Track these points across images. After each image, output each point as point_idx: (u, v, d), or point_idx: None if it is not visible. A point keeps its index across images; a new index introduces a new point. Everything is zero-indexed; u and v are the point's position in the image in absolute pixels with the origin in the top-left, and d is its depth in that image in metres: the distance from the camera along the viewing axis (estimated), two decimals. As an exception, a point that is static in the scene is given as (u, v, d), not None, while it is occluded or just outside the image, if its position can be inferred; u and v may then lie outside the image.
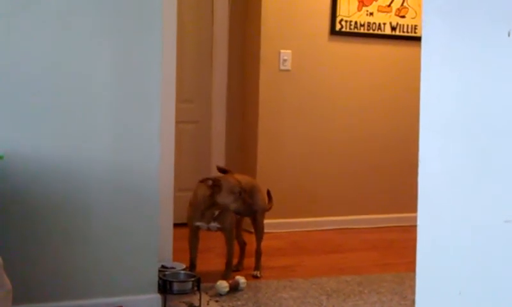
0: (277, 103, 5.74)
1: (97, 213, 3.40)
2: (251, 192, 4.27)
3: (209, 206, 4.11)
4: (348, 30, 5.86)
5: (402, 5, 6.03)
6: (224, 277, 4.09)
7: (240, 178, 4.21)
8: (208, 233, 4.37)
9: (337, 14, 5.81)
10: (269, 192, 4.54)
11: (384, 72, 6.04)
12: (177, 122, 4.29)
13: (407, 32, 6.05)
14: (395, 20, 6.01)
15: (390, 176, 6.09)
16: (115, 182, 3.42)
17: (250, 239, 4.56)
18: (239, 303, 3.83)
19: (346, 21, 5.84)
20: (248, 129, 5.90)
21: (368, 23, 5.91)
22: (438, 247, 1.62)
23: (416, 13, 6.04)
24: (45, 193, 3.29)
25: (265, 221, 4.49)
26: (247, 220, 4.58)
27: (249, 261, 4.47)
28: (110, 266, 3.45)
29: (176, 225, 4.41)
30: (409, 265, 4.27)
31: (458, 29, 1.54)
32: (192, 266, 4.19)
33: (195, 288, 3.68)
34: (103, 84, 3.38)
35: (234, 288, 4.00)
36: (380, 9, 5.95)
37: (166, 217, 4.09)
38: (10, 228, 3.24)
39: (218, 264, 4.45)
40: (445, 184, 1.58)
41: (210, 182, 4.04)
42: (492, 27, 1.43)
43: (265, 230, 4.49)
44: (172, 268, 3.98)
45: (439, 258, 1.62)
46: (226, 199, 4.03)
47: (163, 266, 3.93)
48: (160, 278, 3.62)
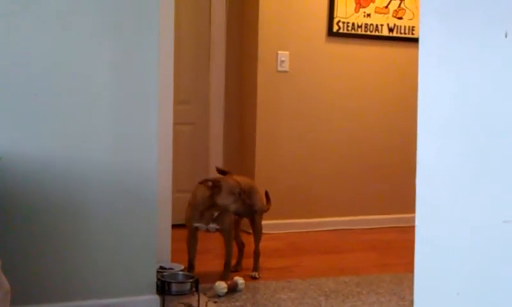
0: (275, 104, 5.74)
1: (95, 214, 3.40)
2: (249, 193, 4.27)
3: (208, 207, 4.10)
4: (345, 31, 5.87)
5: (399, 6, 6.03)
6: (222, 278, 4.09)
7: (239, 179, 4.22)
8: (206, 234, 4.37)
9: (334, 15, 5.81)
10: (267, 193, 4.55)
11: (381, 73, 6.05)
12: (175, 123, 4.29)
13: (404, 33, 6.05)
14: (392, 22, 6.02)
15: (388, 177, 6.09)
16: (113, 183, 3.42)
17: (248, 240, 4.56)
18: (238, 304, 3.83)
19: (343, 22, 5.85)
20: (246, 130, 5.90)
21: (365, 24, 5.92)
22: (437, 247, 1.62)
23: (413, 15, 6.05)
24: (44, 194, 3.29)
25: (263, 222, 4.49)
26: (245, 221, 4.58)
27: (247, 262, 4.47)
28: (108, 267, 3.45)
29: (174, 226, 4.41)
30: (407, 266, 4.28)
31: (455, 30, 1.55)
32: (190, 267, 4.19)
33: (193, 289, 3.68)
34: (101, 86, 3.38)
35: (233, 289, 4.00)
36: (377, 10, 5.96)
37: (164, 218, 4.09)
38: (9, 229, 3.24)
39: (216, 265, 4.45)
40: (443, 185, 1.59)
41: (210, 183, 4.03)
42: (489, 28, 1.43)
43: (263, 231, 4.50)
44: (170, 269, 3.98)
45: (437, 259, 1.62)
46: (225, 200, 4.03)
47: (161, 267, 3.93)
48: (158, 279, 3.62)
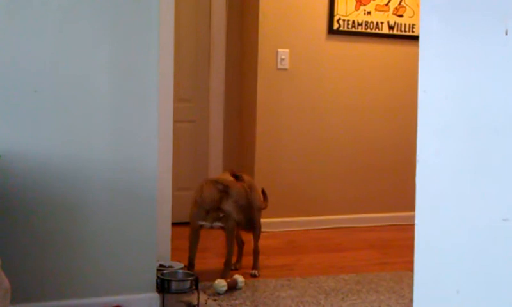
0: (275, 102, 5.74)
1: (95, 212, 3.40)
2: (248, 190, 4.27)
3: (215, 208, 4.11)
4: (346, 29, 5.87)
5: (399, 4, 6.03)
6: (222, 276, 4.09)
7: (226, 176, 4.24)
8: (206, 232, 4.37)
9: (335, 13, 5.81)
10: (264, 190, 4.54)
11: (381, 71, 6.05)
12: (175, 121, 4.29)
13: (404, 31, 6.05)
14: (392, 19, 6.01)
15: (388, 175, 6.09)
16: (113, 181, 3.42)
17: (248, 238, 4.56)
18: (237, 302, 3.84)
19: (344, 20, 5.84)
20: (246, 128, 5.90)
21: (365, 22, 5.92)
22: (436, 246, 1.62)
23: (413, 12, 6.04)
24: (44, 192, 3.29)
25: (263, 220, 4.49)
26: None
27: (247, 260, 4.47)
28: (108, 265, 3.45)
29: (174, 224, 4.41)
30: (407, 264, 4.29)
31: (455, 28, 1.55)
32: (190, 265, 4.20)
33: (193, 287, 3.68)
34: (101, 84, 3.37)
35: (232, 287, 4.00)
36: (378, 8, 5.95)
37: (164, 216, 4.09)
38: (8, 227, 3.24)
39: (216, 263, 4.45)
40: (443, 183, 1.58)
41: (220, 186, 4.02)
42: (489, 25, 1.43)
43: (263, 229, 4.50)
44: (170, 267, 3.97)
45: (437, 257, 1.62)
46: (231, 208, 4.05)
47: (161, 265, 3.93)
48: (158, 277, 3.62)
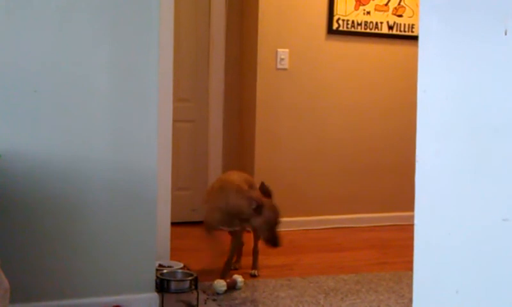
0: (274, 102, 5.74)
1: (95, 212, 3.40)
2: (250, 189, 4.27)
3: (241, 218, 4.09)
4: (345, 29, 5.87)
5: (399, 4, 6.03)
6: (222, 276, 4.09)
7: (237, 177, 4.22)
8: (200, 232, 4.37)
9: (334, 13, 5.81)
10: (265, 185, 4.28)
11: (381, 71, 6.05)
12: (174, 121, 4.29)
13: (404, 31, 6.05)
14: (392, 19, 6.01)
15: (388, 174, 6.09)
16: (113, 181, 3.42)
17: (247, 238, 4.56)
18: (237, 302, 3.84)
19: (343, 20, 5.85)
20: (245, 128, 5.90)
21: (365, 22, 5.92)
22: (436, 245, 1.62)
23: (413, 12, 6.04)
24: (43, 192, 3.29)
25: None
26: None
27: (246, 260, 4.47)
28: (107, 265, 3.45)
29: (173, 224, 4.41)
30: (406, 264, 4.28)
31: (455, 28, 1.55)
32: (227, 269, 4.19)
33: (193, 287, 3.68)
34: (101, 84, 3.37)
35: (232, 287, 4.00)
36: (377, 8, 5.95)
37: (164, 216, 4.09)
38: (8, 227, 3.24)
39: (216, 263, 4.45)
40: (443, 183, 1.58)
41: (254, 204, 3.98)
42: (489, 25, 1.43)
43: (262, 229, 4.49)
44: (169, 267, 3.98)
45: (436, 257, 1.62)
46: (261, 225, 4.03)
47: (160, 265, 3.93)
48: (157, 277, 3.62)
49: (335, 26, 5.83)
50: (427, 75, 1.64)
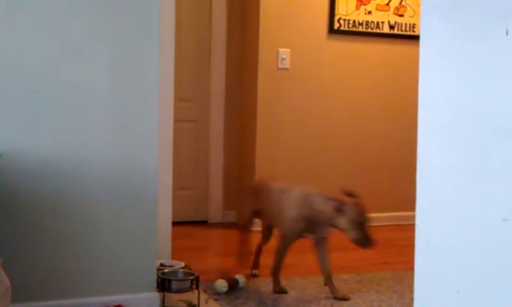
0: (275, 101, 5.74)
1: (96, 211, 3.40)
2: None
3: (327, 224, 3.89)
4: (346, 29, 5.87)
5: (400, 4, 6.03)
6: (275, 289, 3.99)
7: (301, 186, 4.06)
8: (206, 231, 4.37)
9: (335, 13, 5.81)
10: (352, 190, 3.90)
11: (382, 71, 6.05)
12: (175, 121, 4.29)
13: (405, 30, 6.05)
14: (393, 19, 6.01)
15: (389, 174, 6.09)
16: (114, 181, 3.42)
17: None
18: (238, 302, 3.83)
19: (344, 20, 5.84)
20: (246, 128, 5.90)
21: (366, 22, 5.92)
22: (437, 245, 1.62)
23: (414, 12, 6.04)
24: (44, 191, 3.29)
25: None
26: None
27: (248, 260, 4.46)
28: (108, 264, 3.44)
29: (174, 223, 4.41)
30: (407, 264, 4.27)
31: (456, 28, 1.55)
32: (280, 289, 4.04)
33: (194, 287, 3.68)
34: (101, 83, 3.37)
35: (233, 287, 4.00)
36: (378, 7, 5.95)
37: (165, 215, 4.09)
38: (8, 226, 3.24)
39: (217, 262, 4.45)
40: (444, 183, 1.58)
41: (335, 204, 3.76)
42: (490, 25, 1.43)
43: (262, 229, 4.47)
44: (171, 266, 3.97)
45: (437, 257, 1.62)
46: (347, 226, 3.76)
47: (162, 264, 3.93)
48: (158, 276, 3.62)
49: (336, 26, 5.83)
50: (428, 75, 1.64)
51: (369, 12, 5.91)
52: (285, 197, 4.04)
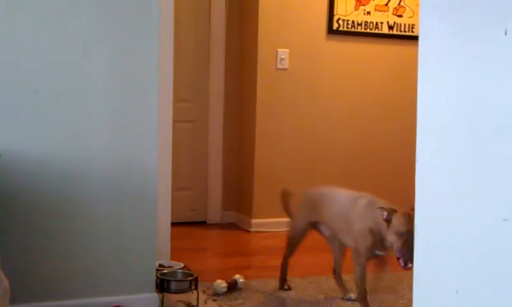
0: (274, 102, 5.74)
1: (95, 212, 3.40)
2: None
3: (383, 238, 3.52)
4: (345, 29, 5.87)
5: (399, 4, 6.03)
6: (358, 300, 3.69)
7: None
8: (204, 232, 4.37)
9: (334, 13, 5.81)
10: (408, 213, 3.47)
11: (381, 71, 6.05)
12: (174, 121, 4.29)
13: (404, 31, 6.05)
14: (392, 19, 6.01)
15: (388, 175, 6.09)
16: (113, 181, 3.42)
17: (251, 237, 4.54)
18: (237, 302, 3.83)
19: (343, 20, 5.84)
20: (245, 128, 5.90)
21: (365, 22, 5.92)
22: (436, 245, 1.62)
23: (413, 12, 6.04)
24: (44, 192, 3.29)
25: (263, 220, 4.47)
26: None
27: (245, 260, 4.46)
28: (108, 265, 3.44)
29: (174, 224, 4.41)
30: (406, 264, 4.26)
31: (455, 28, 1.55)
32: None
33: (193, 287, 3.68)
34: (101, 84, 3.37)
35: (232, 288, 4.00)
36: (377, 8, 5.95)
37: (164, 216, 4.09)
38: (8, 227, 3.23)
39: (215, 263, 4.45)
40: (443, 183, 1.58)
41: (385, 214, 3.44)
42: (489, 25, 1.43)
43: (263, 229, 4.48)
44: (170, 267, 3.97)
45: (436, 257, 1.62)
46: (392, 238, 3.40)
47: (161, 265, 3.93)
48: (158, 277, 3.62)
49: (335, 26, 5.83)
50: (427, 75, 1.64)
51: (368, 12, 5.92)
52: (353, 207, 3.68)
